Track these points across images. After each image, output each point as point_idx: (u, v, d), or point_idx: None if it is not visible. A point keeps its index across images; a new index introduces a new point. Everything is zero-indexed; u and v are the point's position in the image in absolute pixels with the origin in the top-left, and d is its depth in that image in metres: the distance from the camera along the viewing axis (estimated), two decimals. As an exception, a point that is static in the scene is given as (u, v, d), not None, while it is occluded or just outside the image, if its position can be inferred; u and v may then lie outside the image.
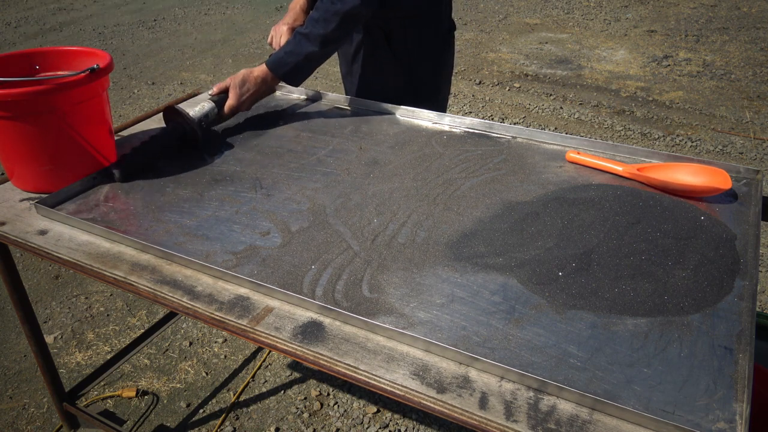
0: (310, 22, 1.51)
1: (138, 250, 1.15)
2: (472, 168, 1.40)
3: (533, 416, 0.79)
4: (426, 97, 1.80)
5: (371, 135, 1.58)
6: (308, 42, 1.51)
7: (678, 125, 3.85)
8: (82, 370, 2.16)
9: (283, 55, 1.55)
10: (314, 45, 1.51)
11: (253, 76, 1.56)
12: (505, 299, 0.99)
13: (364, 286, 1.03)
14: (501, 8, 6.68)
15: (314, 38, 1.50)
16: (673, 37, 5.48)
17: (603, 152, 1.44)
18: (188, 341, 2.28)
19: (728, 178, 1.24)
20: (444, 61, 1.80)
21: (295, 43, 1.53)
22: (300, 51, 1.52)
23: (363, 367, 0.88)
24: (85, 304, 2.49)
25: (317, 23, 1.50)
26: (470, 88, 4.53)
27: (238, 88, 1.54)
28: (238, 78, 1.55)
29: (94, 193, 1.35)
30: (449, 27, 1.79)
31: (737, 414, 0.77)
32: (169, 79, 4.92)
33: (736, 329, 0.91)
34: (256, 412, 1.99)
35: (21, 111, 1.24)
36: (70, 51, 1.46)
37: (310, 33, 1.51)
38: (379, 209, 1.25)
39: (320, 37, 1.50)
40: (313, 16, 1.52)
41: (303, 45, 1.52)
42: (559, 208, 1.21)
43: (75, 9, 7.13)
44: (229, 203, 1.29)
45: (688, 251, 1.07)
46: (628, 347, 0.88)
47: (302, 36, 1.52)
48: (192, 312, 1.00)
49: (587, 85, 4.53)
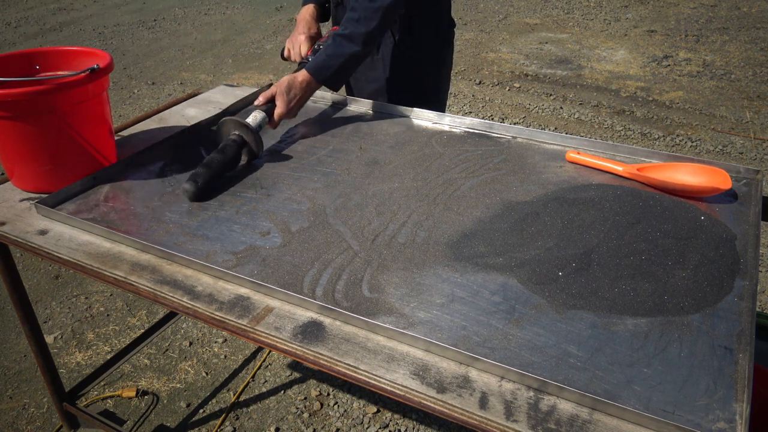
0: (350, 23, 1.50)
1: (138, 250, 1.15)
2: (472, 168, 1.40)
3: (533, 416, 0.79)
4: (427, 91, 1.83)
5: (371, 135, 1.58)
6: (351, 42, 1.51)
7: (678, 125, 3.86)
8: (82, 370, 2.16)
9: (324, 58, 1.53)
10: (357, 44, 1.51)
11: (298, 82, 1.54)
12: (505, 299, 0.99)
13: (364, 286, 1.03)
14: (501, 8, 6.68)
15: (357, 38, 1.50)
16: (673, 37, 5.49)
17: (603, 152, 1.44)
18: (188, 341, 2.28)
19: (728, 178, 1.24)
20: (444, 57, 1.84)
21: (335, 45, 1.52)
22: (343, 52, 1.52)
23: (363, 367, 0.88)
24: (85, 304, 2.49)
25: (359, 22, 1.49)
26: (470, 88, 4.53)
27: (285, 95, 1.53)
28: (283, 85, 1.53)
29: (94, 193, 1.35)
30: (449, 24, 1.83)
31: (737, 414, 0.77)
32: (169, 79, 4.92)
33: (736, 329, 0.91)
34: (256, 412, 1.99)
35: (21, 111, 1.24)
36: (70, 51, 1.46)
37: (351, 33, 1.50)
38: (379, 209, 1.25)
39: (363, 36, 1.50)
40: (352, 17, 1.51)
41: (345, 46, 1.51)
42: (559, 208, 1.21)
43: (75, 9, 7.13)
44: (229, 203, 1.29)
45: (688, 251, 1.07)
46: (628, 347, 0.88)
47: (342, 38, 1.51)
48: (192, 312, 1.00)
49: (587, 85, 4.53)
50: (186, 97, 1.88)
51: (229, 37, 5.98)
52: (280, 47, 5.63)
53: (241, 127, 1.44)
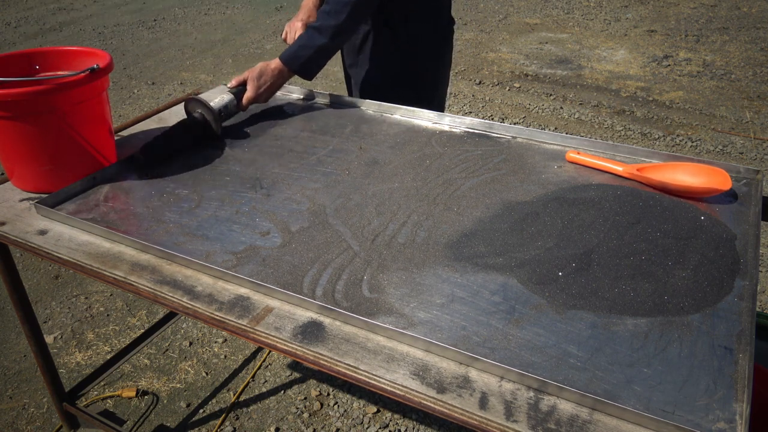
0: (321, 15, 1.57)
1: (138, 250, 1.15)
2: (472, 168, 1.40)
3: (533, 416, 0.79)
4: (425, 87, 1.86)
5: (371, 135, 1.58)
6: (319, 35, 1.57)
7: (678, 125, 3.86)
8: (82, 370, 2.16)
9: (296, 48, 1.60)
10: (325, 37, 1.56)
11: (270, 69, 1.61)
12: (505, 299, 0.99)
13: (364, 286, 1.03)
14: (501, 8, 6.68)
15: (325, 30, 1.56)
16: (673, 37, 5.48)
17: (603, 152, 1.44)
18: (188, 341, 2.28)
19: (728, 178, 1.24)
20: (442, 54, 1.86)
21: (307, 37, 1.59)
22: (312, 44, 1.58)
23: (363, 367, 0.88)
24: (85, 304, 2.49)
25: (328, 15, 1.55)
26: (470, 88, 4.53)
27: (255, 81, 1.60)
28: (256, 71, 1.60)
29: (94, 193, 1.35)
30: (448, 22, 1.85)
31: (737, 414, 0.77)
32: (169, 79, 4.92)
33: (736, 329, 0.91)
34: (256, 412, 1.99)
35: (21, 111, 1.24)
36: (70, 51, 1.46)
37: (321, 26, 1.56)
38: (379, 209, 1.25)
39: (331, 29, 1.55)
40: (324, 9, 1.57)
41: (314, 38, 1.57)
42: (559, 208, 1.21)
43: (75, 9, 7.13)
44: (229, 203, 1.29)
45: (688, 251, 1.07)
46: (628, 347, 0.88)
47: (314, 30, 1.58)
48: (192, 312, 1.00)
49: (587, 85, 4.53)
50: (186, 97, 1.88)
51: (229, 37, 5.98)
52: (281, 47, 5.63)
53: (203, 106, 1.53)
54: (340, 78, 4.80)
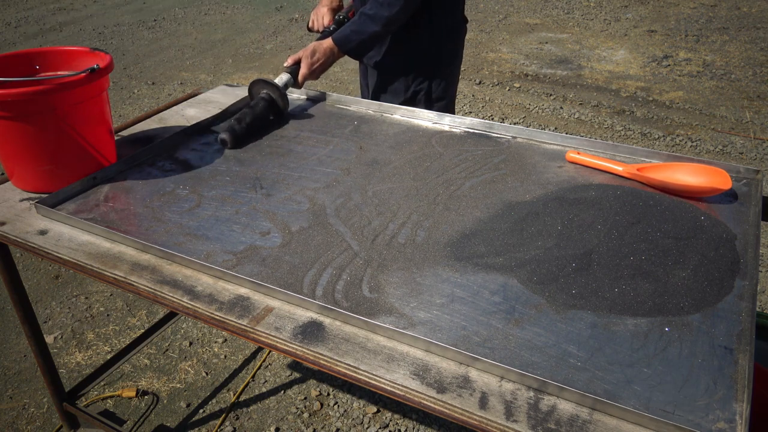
0: (375, 5, 1.66)
1: (138, 250, 1.15)
2: (472, 168, 1.40)
3: (533, 416, 0.79)
4: (440, 83, 1.92)
5: (371, 135, 1.58)
6: (372, 22, 1.67)
7: (678, 125, 3.86)
8: (82, 370, 2.16)
9: (349, 33, 1.70)
10: (377, 25, 1.67)
11: (322, 48, 1.71)
12: (505, 299, 0.99)
13: (364, 286, 1.03)
14: (501, 8, 6.68)
15: (379, 19, 1.66)
16: (673, 37, 5.48)
17: (603, 152, 1.44)
18: (188, 341, 2.28)
19: (728, 178, 1.24)
20: (458, 51, 1.95)
21: (360, 22, 1.69)
22: (364, 30, 1.68)
23: (363, 367, 0.88)
24: (85, 304, 2.49)
25: (382, 6, 1.65)
26: (470, 88, 4.53)
27: (309, 58, 1.70)
28: (309, 49, 1.71)
29: (94, 193, 1.35)
30: (462, 20, 1.92)
31: (737, 414, 0.77)
32: (169, 79, 4.92)
33: (736, 329, 0.91)
34: (256, 412, 1.99)
35: (21, 111, 1.24)
36: (70, 51, 1.46)
37: (375, 15, 1.67)
38: (379, 209, 1.25)
39: (384, 19, 1.66)
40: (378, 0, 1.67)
41: (367, 25, 1.68)
42: (559, 208, 1.21)
43: (75, 9, 7.13)
44: (229, 203, 1.29)
45: (688, 251, 1.07)
46: (628, 347, 0.88)
47: (367, 17, 1.68)
48: (192, 312, 1.00)
49: (587, 85, 4.53)
50: (186, 97, 1.88)
51: (229, 37, 5.98)
52: (281, 47, 5.64)
53: (269, 86, 1.64)
54: (341, 78, 4.81)
